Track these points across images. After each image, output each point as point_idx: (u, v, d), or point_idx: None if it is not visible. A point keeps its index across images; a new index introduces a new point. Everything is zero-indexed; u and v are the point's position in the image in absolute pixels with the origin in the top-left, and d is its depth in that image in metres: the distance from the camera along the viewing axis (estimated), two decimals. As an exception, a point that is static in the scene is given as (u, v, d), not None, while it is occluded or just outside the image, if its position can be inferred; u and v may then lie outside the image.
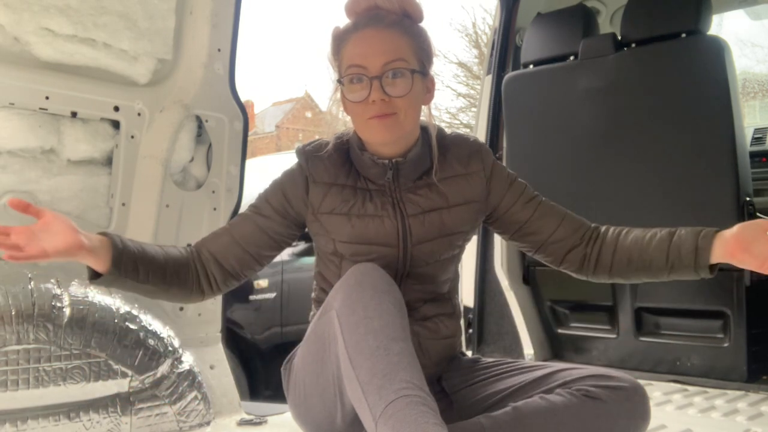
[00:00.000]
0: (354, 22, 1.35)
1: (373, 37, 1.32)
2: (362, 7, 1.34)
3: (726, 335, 2.35)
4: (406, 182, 1.40)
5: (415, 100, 1.34)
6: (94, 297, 1.76)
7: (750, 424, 1.90)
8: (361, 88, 1.31)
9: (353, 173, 1.41)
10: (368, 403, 1.10)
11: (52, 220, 1.22)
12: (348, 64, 1.33)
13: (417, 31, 1.36)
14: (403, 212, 1.38)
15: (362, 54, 1.31)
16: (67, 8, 1.84)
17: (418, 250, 1.38)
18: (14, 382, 1.63)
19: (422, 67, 1.36)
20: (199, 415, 1.90)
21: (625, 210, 2.45)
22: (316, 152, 1.42)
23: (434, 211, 1.39)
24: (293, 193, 1.41)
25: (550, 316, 2.78)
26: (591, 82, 2.45)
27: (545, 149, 2.62)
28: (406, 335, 1.19)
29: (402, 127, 1.33)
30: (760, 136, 3.29)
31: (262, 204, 1.43)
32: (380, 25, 1.32)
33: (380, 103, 1.29)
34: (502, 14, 3.05)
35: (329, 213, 1.38)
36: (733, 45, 2.28)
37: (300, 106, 35.51)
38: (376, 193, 1.39)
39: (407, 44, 1.33)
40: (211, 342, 2.17)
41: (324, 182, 1.39)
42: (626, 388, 1.30)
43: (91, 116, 1.94)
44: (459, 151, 1.44)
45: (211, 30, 2.11)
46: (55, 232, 1.21)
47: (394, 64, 1.30)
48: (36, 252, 1.20)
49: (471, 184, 1.42)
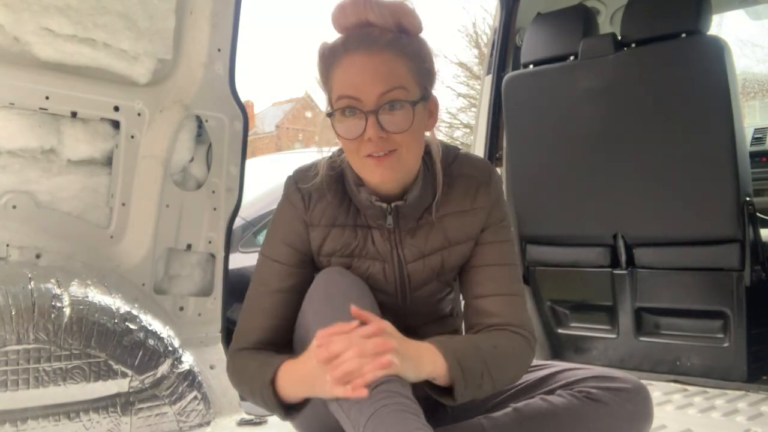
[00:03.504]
0: (343, 41, 1.16)
1: (365, 62, 1.13)
2: (351, 21, 1.16)
3: (726, 335, 2.34)
4: (406, 223, 1.27)
5: (417, 133, 1.18)
6: (94, 297, 1.76)
7: (750, 424, 1.90)
8: (355, 123, 1.14)
9: (352, 210, 1.28)
10: (350, 420, 1.09)
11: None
12: (339, 95, 1.15)
13: (416, 47, 1.18)
14: (401, 258, 1.28)
15: (354, 84, 1.14)
16: (67, 8, 1.83)
17: (417, 295, 1.33)
18: (14, 382, 1.62)
19: (423, 91, 1.19)
20: (199, 415, 1.90)
21: (624, 210, 2.45)
22: (312, 189, 1.28)
23: (435, 253, 1.29)
24: (297, 238, 1.30)
25: (550, 316, 2.78)
26: (591, 82, 2.45)
27: (545, 149, 2.62)
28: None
29: (403, 165, 1.19)
30: (760, 136, 3.29)
31: (274, 269, 1.31)
32: (374, 48, 1.14)
33: (377, 141, 1.13)
34: (502, 14, 3.05)
35: (330, 255, 1.30)
36: (733, 45, 2.28)
37: (300, 106, 35.51)
38: (377, 233, 1.28)
39: (405, 68, 1.15)
40: (211, 342, 2.17)
41: (323, 224, 1.28)
42: (629, 389, 1.29)
43: (91, 116, 1.94)
44: (467, 184, 1.28)
45: (211, 30, 2.11)
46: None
47: (391, 95, 1.13)
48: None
49: (474, 220, 1.29)
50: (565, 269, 2.67)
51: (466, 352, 1.16)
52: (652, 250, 2.44)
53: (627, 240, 2.49)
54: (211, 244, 2.18)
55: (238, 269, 3.10)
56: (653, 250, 2.44)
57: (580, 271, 2.63)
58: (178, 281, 2.16)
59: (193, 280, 2.19)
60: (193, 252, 2.16)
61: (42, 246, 1.85)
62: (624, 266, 2.50)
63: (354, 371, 1.03)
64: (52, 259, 1.86)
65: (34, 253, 1.84)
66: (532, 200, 2.68)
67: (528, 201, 2.69)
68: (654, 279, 2.46)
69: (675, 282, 2.42)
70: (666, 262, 2.42)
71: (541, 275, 2.75)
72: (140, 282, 2.03)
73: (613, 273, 2.54)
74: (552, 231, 2.66)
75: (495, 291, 1.28)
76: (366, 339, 1.05)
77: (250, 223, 3.48)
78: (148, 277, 2.04)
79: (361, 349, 1.03)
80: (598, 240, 2.55)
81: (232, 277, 2.37)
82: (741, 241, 2.25)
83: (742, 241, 2.25)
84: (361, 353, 1.03)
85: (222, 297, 2.21)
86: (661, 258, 2.43)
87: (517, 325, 1.26)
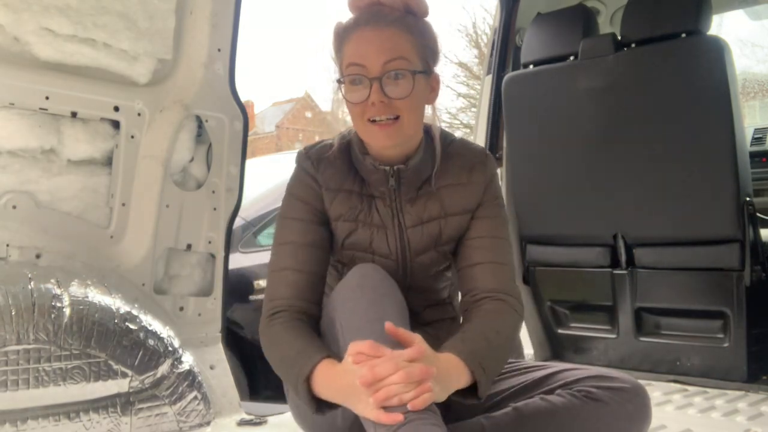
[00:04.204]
0: (355, 18, 1.30)
1: (373, 35, 1.26)
2: (364, 2, 1.29)
3: (726, 335, 2.34)
4: (407, 191, 1.36)
5: (417, 102, 1.29)
6: (94, 297, 1.76)
7: (750, 424, 1.90)
8: (361, 88, 1.26)
9: (358, 178, 1.37)
10: (375, 428, 1.10)
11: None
12: (347, 63, 1.28)
13: (421, 27, 1.30)
14: (402, 224, 1.36)
15: (362, 53, 1.26)
16: (67, 8, 1.83)
17: (417, 263, 1.38)
18: (14, 382, 1.62)
19: (425, 65, 1.30)
20: (199, 415, 1.90)
21: (624, 210, 2.45)
22: (321, 156, 1.38)
23: (433, 221, 1.36)
24: (313, 195, 1.37)
25: (550, 316, 2.78)
26: (591, 82, 2.45)
27: (545, 149, 2.62)
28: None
29: (404, 131, 1.29)
30: (760, 136, 3.29)
31: (295, 226, 1.36)
32: (381, 23, 1.27)
33: (380, 105, 1.25)
34: (502, 14, 3.05)
35: (337, 219, 1.37)
36: (733, 45, 2.28)
37: (300, 106, 35.51)
38: (380, 201, 1.37)
39: (409, 42, 1.27)
40: (211, 342, 2.17)
41: (331, 188, 1.36)
42: (628, 389, 1.29)
43: (91, 116, 1.94)
44: (463, 161, 1.39)
45: (211, 30, 2.11)
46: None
47: (394, 64, 1.25)
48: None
49: (470, 194, 1.38)
50: (565, 269, 2.67)
51: (483, 352, 1.21)
52: (652, 250, 2.44)
53: (627, 240, 2.49)
54: (211, 244, 2.18)
55: (238, 269, 3.11)
56: (653, 250, 2.44)
57: (580, 271, 2.63)
58: (178, 281, 2.16)
59: (193, 280, 2.19)
60: (193, 252, 2.17)
61: (42, 246, 1.85)
62: (624, 266, 2.51)
63: (396, 395, 1.06)
64: (52, 259, 1.86)
65: (34, 253, 1.84)
66: (532, 200, 2.68)
67: (528, 201, 2.69)
68: (654, 279, 2.46)
69: (675, 282, 2.42)
70: (666, 262, 2.42)
71: (541, 275, 2.75)
72: (140, 282, 2.03)
73: (613, 273, 2.54)
74: (552, 231, 2.66)
75: (486, 259, 1.36)
76: (410, 364, 1.07)
77: (250, 223, 3.48)
78: (148, 277, 2.04)
79: (407, 376, 1.06)
80: (598, 240, 2.55)
81: (232, 277, 2.37)
82: (741, 241, 2.25)
83: (742, 241, 2.25)
84: (407, 379, 1.06)
85: (222, 297, 2.21)
86: (661, 258, 2.43)
87: (506, 293, 1.34)
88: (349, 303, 1.21)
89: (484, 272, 1.35)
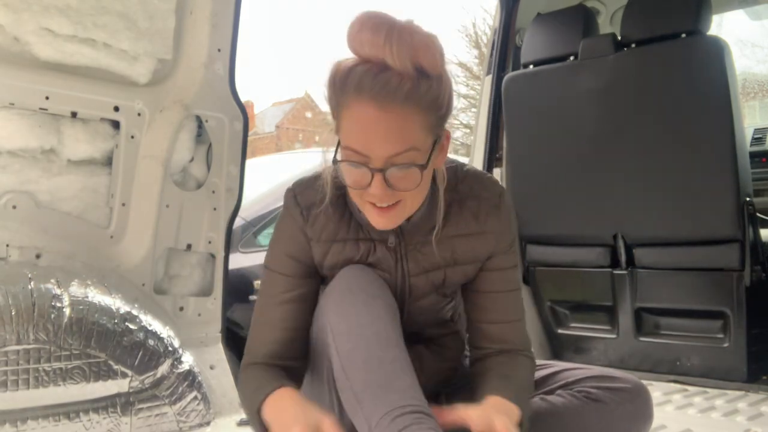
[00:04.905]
0: (357, 82, 1.06)
1: (378, 118, 1.05)
2: (366, 52, 1.06)
3: (726, 335, 2.34)
4: (412, 239, 1.26)
5: (424, 187, 1.15)
6: (94, 297, 1.76)
7: (750, 424, 1.90)
8: (361, 173, 1.09)
9: (354, 224, 1.26)
10: (363, 414, 1.09)
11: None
12: (346, 145, 1.09)
13: (434, 94, 1.09)
14: (405, 272, 1.27)
15: (364, 140, 1.07)
16: (67, 8, 1.84)
17: (416, 306, 1.32)
18: (14, 382, 1.62)
19: (436, 137, 1.13)
20: (199, 416, 1.90)
21: (624, 210, 2.45)
22: (311, 203, 1.25)
23: (438, 269, 1.27)
24: (300, 250, 1.27)
25: (550, 317, 2.78)
26: (591, 83, 2.46)
27: (545, 149, 2.62)
28: (399, 341, 1.15)
29: (407, 212, 1.17)
30: (760, 136, 3.29)
31: (280, 282, 1.28)
32: (388, 102, 1.05)
33: (382, 195, 1.10)
34: (502, 14, 3.05)
35: (332, 268, 1.28)
36: (733, 45, 2.28)
37: (300, 106, 35.53)
38: (380, 246, 1.26)
39: (419, 124, 1.08)
40: (211, 342, 2.17)
41: (323, 240, 1.26)
42: (629, 389, 1.29)
43: (91, 116, 1.94)
44: (477, 206, 1.26)
45: (211, 30, 2.11)
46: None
47: (403, 158, 1.07)
48: None
49: (481, 244, 1.27)
50: (565, 269, 2.67)
51: (527, 403, 1.21)
52: (652, 250, 2.44)
53: (627, 240, 2.49)
54: (211, 244, 2.18)
55: (238, 269, 3.10)
56: (653, 251, 2.44)
57: (580, 272, 2.63)
58: (178, 281, 2.16)
59: (193, 280, 2.19)
60: (193, 252, 2.17)
61: (42, 246, 1.85)
62: (624, 266, 2.51)
63: None
64: (52, 259, 1.86)
65: (34, 253, 1.85)
66: (532, 200, 2.68)
67: (528, 201, 2.69)
68: (654, 279, 2.46)
69: (675, 282, 2.42)
70: (666, 262, 2.42)
71: (541, 275, 2.75)
72: (140, 282, 2.03)
73: (613, 273, 2.54)
74: (552, 231, 2.66)
75: (503, 318, 1.31)
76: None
77: (250, 223, 3.48)
78: (148, 277, 2.05)
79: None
80: (598, 240, 2.55)
81: (232, 277, 2.37)
82: (741, 241, 2.25)
83: (742, 241, 2.25)
84: None
85: (222, 297, 2.21)
86: (661, 258, 2.43)
87: (523, 349, 1.32)
88: (340, 306, 1.17)
89: (502, 332, 1.30)
